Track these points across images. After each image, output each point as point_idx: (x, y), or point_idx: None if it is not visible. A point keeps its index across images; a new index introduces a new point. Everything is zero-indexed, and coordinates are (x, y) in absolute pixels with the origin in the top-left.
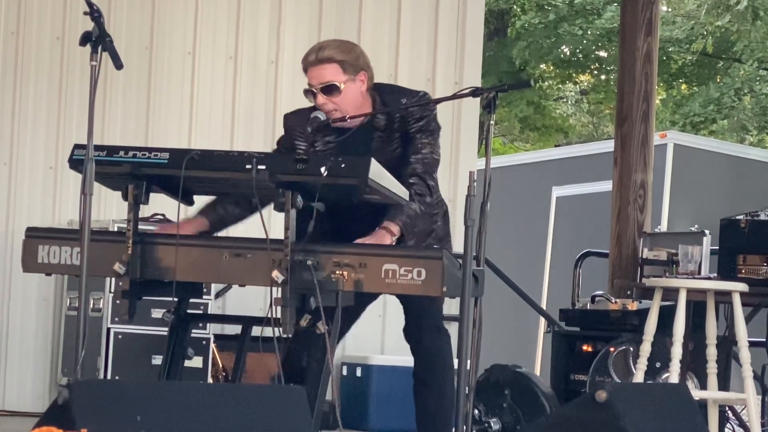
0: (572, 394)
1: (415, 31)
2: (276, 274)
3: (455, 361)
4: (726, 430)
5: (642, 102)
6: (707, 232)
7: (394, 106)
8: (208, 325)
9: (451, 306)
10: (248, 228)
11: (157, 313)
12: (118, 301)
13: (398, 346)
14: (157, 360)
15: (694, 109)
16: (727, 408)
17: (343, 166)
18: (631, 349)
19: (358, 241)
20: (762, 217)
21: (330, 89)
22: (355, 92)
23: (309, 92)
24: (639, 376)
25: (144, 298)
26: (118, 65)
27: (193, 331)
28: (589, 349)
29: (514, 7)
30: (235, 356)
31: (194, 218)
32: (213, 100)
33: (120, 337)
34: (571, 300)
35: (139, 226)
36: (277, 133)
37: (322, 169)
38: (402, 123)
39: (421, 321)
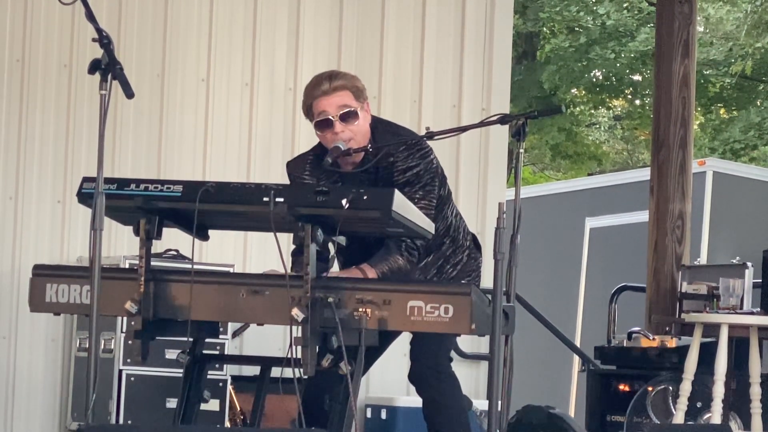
0: None
1: (439, 55)
2: (296, 312)
3: (481, 402)
4: None
5: (679, 128)
6: (749, 264)
7: (386, 145)
8: (225, 366)
9: (480, 344)
10: (266, 263)
11: (171, 354)
12: (130, 342)
13: None
14: (172, 403)
15: (734, 134)
16: None
17: (365, 198)
18: (671, 388)
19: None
20: None
21: (348, 115)
22: (366, 121)
23: (323, 122)
24: (679, 417)
25: (157, 338)
26: (129, 94)
27: (210, 372)
28: (626, 388)
29: (544, 29)
30: (253, 398)
31: None
32: (228, 129)
33: (132, 379)
34: (607, 337)
35: (152, 263)
36: None
37: (344, 201)
38: (386, 171)
39: (420, 364)
